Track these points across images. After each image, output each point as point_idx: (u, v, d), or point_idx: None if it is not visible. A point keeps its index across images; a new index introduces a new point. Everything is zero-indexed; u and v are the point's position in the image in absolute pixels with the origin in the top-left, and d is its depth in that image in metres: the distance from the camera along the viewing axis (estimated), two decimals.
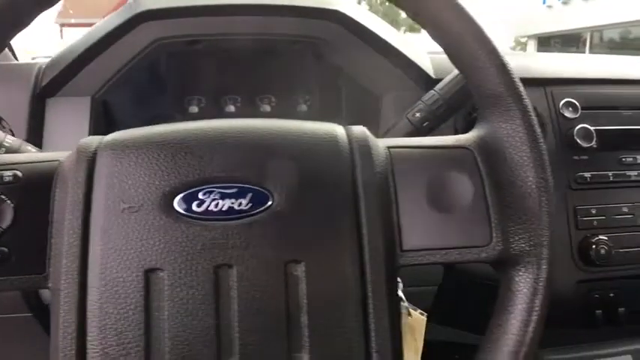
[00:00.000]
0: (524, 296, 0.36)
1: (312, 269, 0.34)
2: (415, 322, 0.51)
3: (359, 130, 0.40)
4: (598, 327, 0.70)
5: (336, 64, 0.72)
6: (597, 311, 0.69)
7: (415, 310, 0.52)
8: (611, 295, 0.69)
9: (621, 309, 0.69)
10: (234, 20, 0.68)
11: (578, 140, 0.69)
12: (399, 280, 0.52)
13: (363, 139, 0.39)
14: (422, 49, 0.75)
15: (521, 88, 0.39)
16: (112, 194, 0.34)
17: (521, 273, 0.37)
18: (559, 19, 12.01)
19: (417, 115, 0.58)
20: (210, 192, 0.34)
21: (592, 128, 0.69)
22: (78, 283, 0.33)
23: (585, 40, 12.07)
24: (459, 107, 0.60)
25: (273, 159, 0.36)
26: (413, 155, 0.40)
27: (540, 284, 0.36)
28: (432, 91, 0.59)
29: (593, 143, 0.69)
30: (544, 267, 0.36)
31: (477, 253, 0.37)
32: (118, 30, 0.67)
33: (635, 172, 0.70)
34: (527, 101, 0.38)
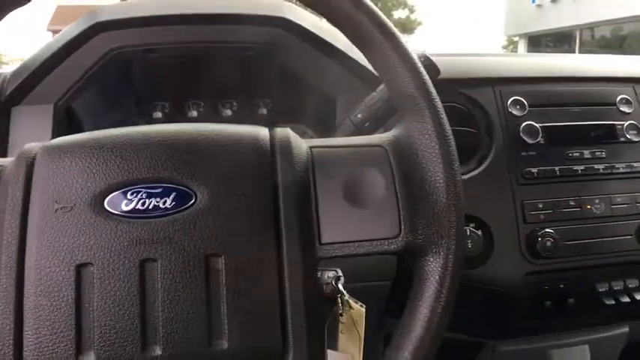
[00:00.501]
0: (431, 285, 0.38)
1: (231, 262, 0.36)
2: (356, 314, 0.53)
3: (282, 131, 0.42)
4: (548, 318, 0.72)
5: (291, 68, 0.75)
6: (547, 302, 0.71)
7: (356, 302, 0.54)
8: (561, 286, 0.72)
9: (571, 300, 0.72)
10: (186, 29, 0.71)
11: (524, 137, 0.71)
12: (340, 274, 0.54)
13: (285, 139, 0.41)
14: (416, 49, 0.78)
15: (432, 89, 0.41)
16: (47, 195, 0.37)
17: (429, 263, 0.39)
18: (548, 17, 12.08)
19: (359, 116, 0.60)
20: (138, 192, 0.37)
21: (538, 125, 0.72)
22: (15, 278, 0.36)
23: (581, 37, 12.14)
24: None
25: (196, 160, 0.38)
26: (333, 154, 0.42)
27: (447, 274, 0.38)
28: (373, 93, 0.61)
29: (540, 139, 0.72)
30: (451, 257, 0.39)
31: (387, 245, 0.39)
32: (75, 40, 0.69)
33: (582, 167, 0.73)
34: (438, 101, 0.41)
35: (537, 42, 13.35)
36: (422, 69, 0.41)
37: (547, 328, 0.77)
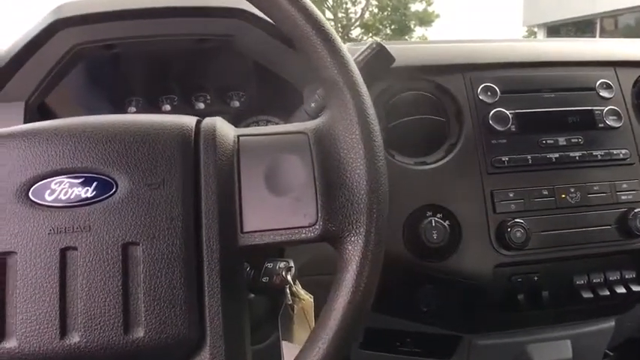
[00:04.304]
0: (349, 274, 0.37)
1: (149, 251, 0.36)
2: (306, 305, 0.53)
3: (210, 120, 0.42)
4: (521, 311, 0.69)
5: (255, 60, 0.74)
6: (520, 295, 0.69)
7: (307, 294, 0.53)
8: (535, 278, 0.69)
9: (545, 293, 0.69)
10: (144, 23, 0.70)
11: (493, 124, 0.69)
12: (291, 264, 0.53)
13: (211, 129, 0.41)
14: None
15: (356, 73, 0.39)
16: None
17: (348, 251, 0.38)
18: (567, 6, 11.79)
19: (312, 105, 0.59)
20: (61, 182, 0.38)
21: (508, 112, 0.69)
22: None
23: (602, 26, 11.81)
24: None
25: (117, 149, 0.38)
26: (258, 142, 0.41)
27: (366, 261, 0.37)
28: None
29: (510, 126, 0.69)
30: (370, 244, 0.37)
31: (304, 233, 0.38)
32: (39, 37, 0.70)
33: (557, 154, 0.70)
34: (361, 85, 0.39)
35: (557, 32, 13.05)
36: (345, 53, 0.39)
37: (523, 322, 0.74)
